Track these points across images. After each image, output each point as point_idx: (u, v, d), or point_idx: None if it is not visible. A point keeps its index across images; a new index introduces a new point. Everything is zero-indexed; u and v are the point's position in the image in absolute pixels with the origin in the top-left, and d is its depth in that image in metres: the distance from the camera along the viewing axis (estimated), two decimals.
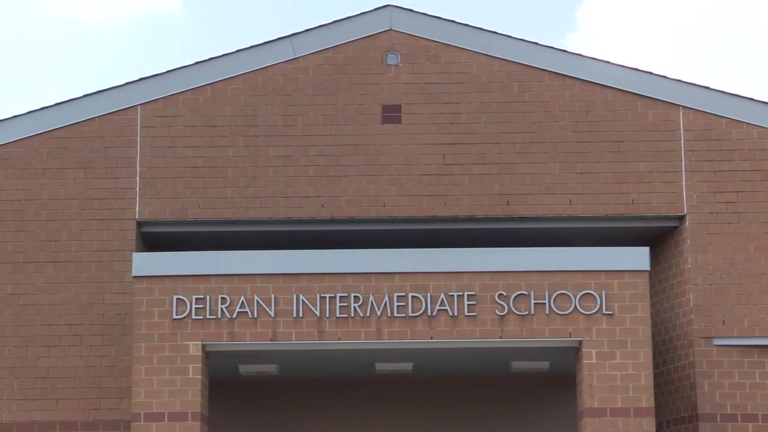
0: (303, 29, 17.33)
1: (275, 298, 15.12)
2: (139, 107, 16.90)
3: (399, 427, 18.23)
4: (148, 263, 15.50)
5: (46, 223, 16.71)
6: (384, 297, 15.11)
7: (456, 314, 15.09)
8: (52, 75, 76.25)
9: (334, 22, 17.31)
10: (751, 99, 17.28)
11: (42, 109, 17.06)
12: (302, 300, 15.09)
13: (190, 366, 15.03)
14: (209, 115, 17.01)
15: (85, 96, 17.08)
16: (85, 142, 16.92)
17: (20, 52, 74.95)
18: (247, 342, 15.27)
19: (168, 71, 17.16)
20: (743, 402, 16.33)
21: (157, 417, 14.88)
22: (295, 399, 18.14)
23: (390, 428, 18.21)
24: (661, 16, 76.73)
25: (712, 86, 17.52)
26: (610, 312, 15.07)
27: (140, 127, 16.87)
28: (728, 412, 16.33)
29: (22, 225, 16.70)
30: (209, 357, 15.41)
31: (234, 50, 17.25)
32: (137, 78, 17.09)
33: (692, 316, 16.59)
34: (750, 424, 16.30)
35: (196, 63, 17.19)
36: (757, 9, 76.31)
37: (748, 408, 16.35)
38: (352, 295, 15.13)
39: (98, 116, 16.90)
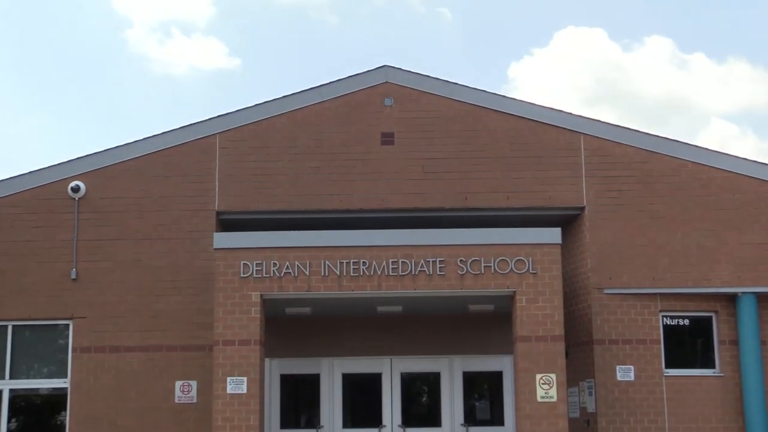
0: (327, 81, 17.66)
1: (309, 263, 15.46)
2: (218, 135, 17.28)
3: (393, 349, 18.26)
4: (224, 240, 15.81)
5: (156, 213, 17.02)
6: (383, 262, 15.47)
7: (431, 273, 15.44)
8: (155, 111, 75.06)
9: (349, 77, 17.63)
10: (628, 128, 17.79)
11: (153, 136, 17.40)
12: (327, 264, 15.44)
13: (252, 308, 15.36)
14: (264, 140, 17.36)
15: (182, 127, 17.42)
16: (182, 159, 17.26)
17: (133, 99, 73.19)
18: (290, 292, 15.59)
19: (237, 111, 17.46)
20: (622, 331, 16.77)
21: (231, 342, 15.24)
22: (323, 330, 18.15)
23: (386, 351, 18.26)
24: (567, 74, 75.80)
25: (602, 120, 18.06)
26: (535, 271, 15.45)
27: (219, 148, 17.23)
28: (612, 338, 16.75)
29: (140, 214, 16.98)
30: (264, 303, 15.58)
31: (280, 96, 17.59)
32: (216, 115, 17.45)
33: (589, 274, 16.99)
34: (627, 346, 16.72)
35: (256, 105, 17.46)
36: (629, 70, 75.46)
37: (626, 335, 16.77)
38: (361, 260, 15.49)
39: (191, 141, 17.28)
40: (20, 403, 17.06)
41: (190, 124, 17.53)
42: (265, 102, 17.62)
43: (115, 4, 72.69)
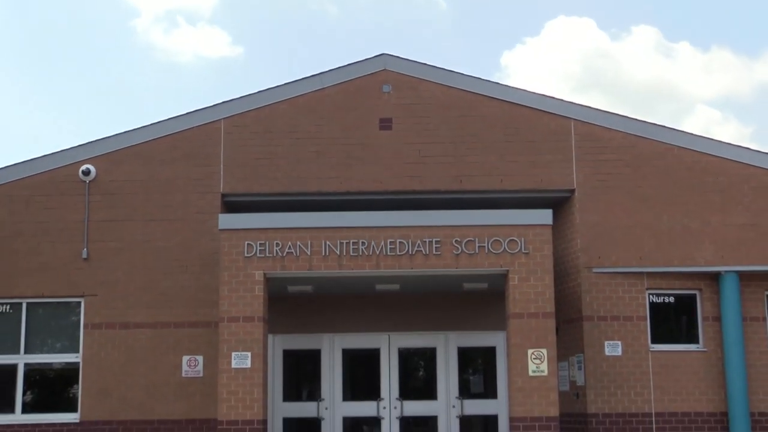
0: (327, 69, 17.62)
1: (310, 243, 15.40)
2: (222, 121, 17.24)
3: (391, 325, 18.24)
4: (228, 221, 15.77)
5: (164, 195, 17.02)
6: (381, 242, 15.41)
7: (427, 253, 15.39)
8: (161, 98, 75.16)
9: (348, 65, 17.60)
10: (616, 114, 17.73)
11: (160, 122, 17.41)
12: (328, 244, 15.40)
13: (256, 287, 15.34)
14: (267, 125, 17.32)
15: (188, 113, 17.39)
16: (188, 143, 17.24)
17: (140, 86, 73.50)
18: (293, 271, 15.54)
19: (240, 97, 17.43)
20: (610, 308, 16.80)
21: (235, 319, 15.25)
22: (324, 308, 18.14)
23: (384, 327, 18.22)
24: (558, 62, 75.81)
25: (591, 106, 17.99)
26: (527, 251, 15.38)
27: (223, 133, 17.21)
28: (601, 314, 16.78)
29: (147, 196, 16.98)
30: (268, 281, 15.55)
31: (282, 83, 17.54)
32: (221, 102, 17.43)
33: (579, 254, 17.00)
34: (615, 322, 16.74)
35: (259, 92, 17.42)
36: (617, 59, 75.45)
37: (614, 311, 16.81)
38: (360, 240, 15.43)
39: (196, 126, 17.24)
40: (35, 377, 17.06)
41: (196, 110, 17.50)
42: (268, 89, 17.57)
43: None
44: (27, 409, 16.80)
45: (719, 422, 16.77)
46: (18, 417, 16.67)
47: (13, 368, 16.87)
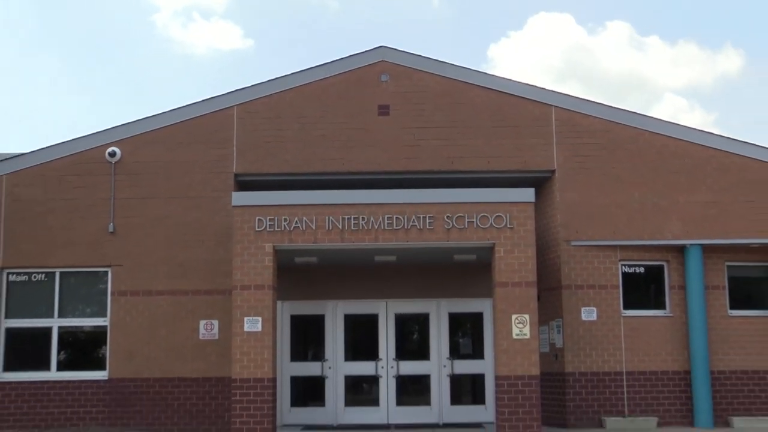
0: (330, 60, 17.78)
1: (315, 218, 15.61)
2: (235, 107, 17.42)
3: (388, 293, 18.49)
4: (241, 198, 16.00)
5: (182, 175, 17.26)
6: (379, 217, 15.63)
7: (421, 228, 15.57)
8: (178, 87, 74.73)
9: (349, 56, 17.72)
10: (592, 101, 17.93)
11: (178, 108, 17.58)
12: (331, 219, 15.61)
13: (266, 258, 15.56)
14: (276, 111, 17.48)
15: (204, 100, 17.57)
16: (204, 128, 17.42)
17: (159, 76, 73.11)
18: (299, 244, 15.72)
19: (251, 86, 17.56)
20: (586, 277, 17.17)
21: (247, 287, 15.53)
22: (327, 277, 18.32)
23: (382, 294, 18.47)
24: (540, 54, 75.46)
25: (570, 94, 18.18)
26: (512, 226, 15.57)
27: (236, 119, 17.39)
28: (578, 283, 17.14)
29: (167, 176, 17.24)
30: (276, 253, 15.73)
31: (289, 73, 17.67)
32: (233, 90, 17.58)
33: (559, 229, 17.30)
34: (590, 290, 17.11)
35: (268, 81, 17.55)
36: (593, 51, 75.23)
37: (590, 281, 17.18)
38: (360, 216, 15.65)
39: (211, 112, 17.44)
40: (67, 339, 17.34)
41: (211, 98, 17.71)
42: (276, 78, 17.71)
43: None
44: (61, 367, 17.14)
45: (683, 380, 17.11)
46: (53, 374, 17.03)
47: (48, 331, 17.23)
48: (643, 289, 17.75)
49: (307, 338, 18.98)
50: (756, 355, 17.39)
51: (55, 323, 17.30)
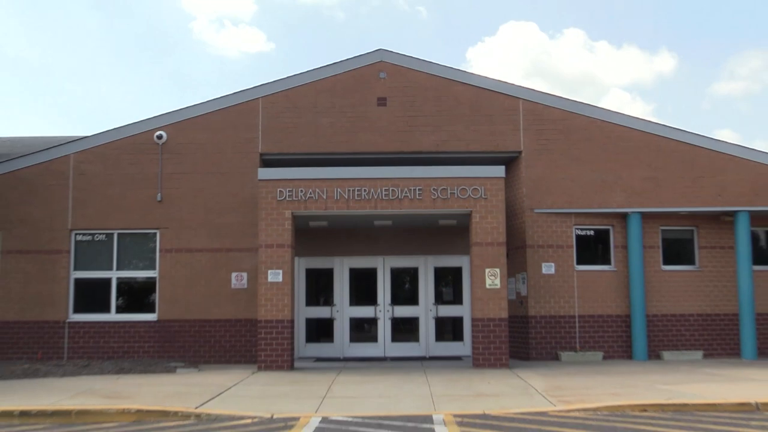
0: (338, 60, 17.26)
1: (326, 190, 15.14)
2: (260, 99, 16.88)
3: (385, 250, 18.13)
4: (265, 173, 15.46)
5: (217, 154, 16.76)
6: (378, 190, 15.13)
7: (412, 198, 15.10)
8: (213, 82, 75.74)
9: (354, 57, 17.20)
10: (552, 95, 17.40)
11: (213, 99, 17.07)
12: (339, 191, 15.14)
13: (285, 222, 15.13)
14: (293, 102, 16.91)
15: (234, 93, 17.09)
16: (235, 116, 16.89)
17: (197, 73, 74.53)
18: (313, 211, 15.26)
19: (273, 81, 17.04)
20: (546, 239, 16.73)
21: (270, 246, 15.13)
22: (336, 237, 18.04)
23: (381, 250, 18.10)
24: (510, 55, 75.86)
25: (535, 89, 17.58)
26: (486, 197, 15.11)
27: (261, 108, 16.85)
28: (540, 243, 16.73)
29: (205, 155, 16.71)
30: (294, 218, 15.36)
31: (305, 71, 17.19)
32: (258, 84, 17.03)
33: (524, 199, 16.79)
34: (550, 249, 16.70)
35: (287, 77, 17.05)
36: (553, 54, 75.84)
37: (549, 241, 16.76)
38: (363, 188, 15.14)
39: (241, 103, 16.87)
40: (124, 287, 16.89)
41: (240, 91, 17.20)
42: (293, 75, 17.23)
43: (184, 3, 74.39)
44: (119, 310, 16.71)
45: (624, 322, 16.78)
46: (113, 316, 16.62)
47: (108, 281, 16.78)
48: (593, 248, 17.28)
49: (319, 287, 18.56)
50: (683, 301, 17.14)
51: (113, 275, 16.88)
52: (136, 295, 16.78)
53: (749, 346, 16.39)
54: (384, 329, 18.08)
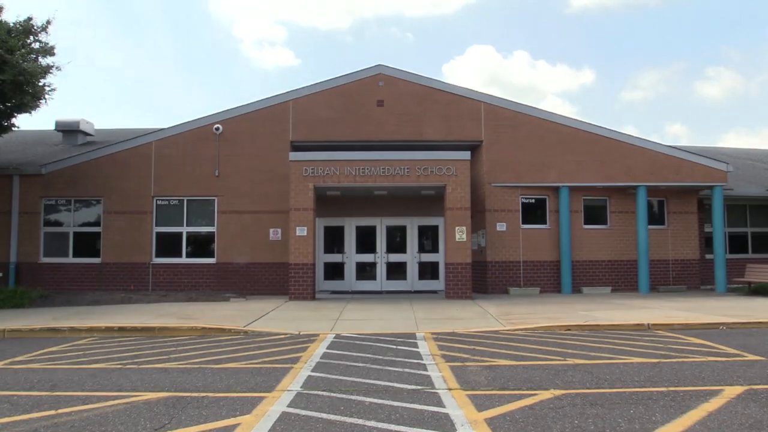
0: (349, 72, 16.87)
1: (339, 168, 14.84)
2: (291, 101, 16.55)
3: (382, 213, 17.92)
4: (295, 156, 15.07)
5: (260, 141, 16.44)
6: (378, 168, 14.85)
7: (403, 174, 14.84)
8: (255, 88, 74.82)
9: (359, 70, 16.73)
10: (506, 99, 16.96)
11: (256, 101, 16.69)
12: (348, 169, 14.84)
13: (309, 192, 14.88)
14: (315, 104, 16.54)
15: (271, 96, 16.71)
16: (272, 113, 16.55)
17: (244, 82, 73.55)
18: (329, 184, 14.97)
19: (300, 87, 16.63)
20: (500, 205, 16.44)
21: (298, 209, 14.83)
22: (346, 203, 17.74)
23: (379, 213, 17.89)
24: (474, 71, 75.29)
25: (492, 95, 17.19)
26: (456, 174, 14.87)
27: (291, 108, 16.52)
28: (495, 208, 16.45)
29: (251, 141, 16.37)
30: (315, 189, 15.03)
31: (323, 80, 16.77)
32: (289, 90, 16.70)
33: (485, 176, 16.51)
34: (502, 212, 16.43)
35: (310, 85, 16.66)
36: (506, 69, 75.08)
37: (502, 207, 16.44)
38: (366, 167, 14.85)
39: (276, 104, 16.52)
40: (191, 239, 16.67)
41: (276, 95, 16.82)
42: (315, 83, 16.86)
43: (234, 30, 73.68)
44: (188, 255, 16.56)
45: (555, 266, 16.65)
46: (184, 260, 16.48)
47: (180, 234, 16.60)
48: (534, 212, 17.05)
49: (333, 240, 18.37)
50: (597, 251, 17.01)
51: (184, 229, 16.69)
52: (201, 245, 16.66)
53: (644, 283, 16.43)
54: (381, 271, 17.96)
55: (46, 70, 14.51)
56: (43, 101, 14.62)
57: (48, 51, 14.69)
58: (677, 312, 11.64)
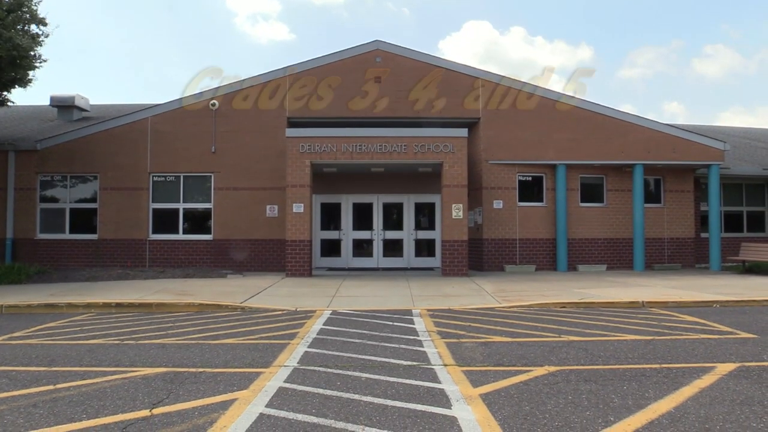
0: (345, 48, 16.67)
1: (336, 144, 14.71)
2: (287, 77, 16.34)
3: (378, 190, 17.79)
4: (291, 132, 14.96)
5: (256, 117, 16.30)
6: (374, 145, 14.71)
7: (399, 151, 14.70)
8: (250, 64, 74.07)
9: (356, 46, 16.50)
10: (503, 75, 16.74)
11: (251, 77, 16.49)
12: (345, 145, 14.72)
13: (305, 168, 14.74)
14: (312, 80, 16.33)
15: (266, 72, 16.48)
16: (268, 89, 16.34)
17: (238, 57, 72.73)
18: (326, 160, 14.82)
19: (296, 63, 16.41)
20: (497, 182, 16.38)
21: (294, 186, 14.75)
22: (343, 180, 17.65)
23: (376, 190, 17.79)
24: (471, 47, 74.40)
25: (489, 71, 17.09)
26: (453, 151, 14.78)
27: (287, 83, 16.31)
28: (492, 186, 16.40)
29: (247, 118, 16.27)
30: (312, 165, 14.92)
31: (319, 56, 16.55)
32: (284, 66, 16.45)
33: (482, 153, 16.43)
34: (499, 190, 16.38)
35: (306, 61, 16.42)
36: (502, 45, 74.32)
37: (499, 184, 16.38)
38: (363, 144, 14.72)
39: (272, 80, 16.32)
40: (188, 215, 16.63)
41: (271, 71, 16.61)
42: (310, 59, 16.62)
43: (228, 3, 72.86)
44: (185, 231, 16.51)
45: (551, 244, 16.66)
46: (180, 236, 16.42)
47: (176, 210, 16.53)
48: (530, 190, 17.02)
49: (330, 217, 18.33)
50: (593, 229, 17.02)
51: (180, 206, 16.62)
52: (197, 221, 16.61)
53: (639, 261, 16.48)
54: (377, 247, 17.95)
55: (35, 38, 14.41)
56: (32, 73, 14.60)
57: (40, 20, 14.60)
58: (672, 290, 11.71)
